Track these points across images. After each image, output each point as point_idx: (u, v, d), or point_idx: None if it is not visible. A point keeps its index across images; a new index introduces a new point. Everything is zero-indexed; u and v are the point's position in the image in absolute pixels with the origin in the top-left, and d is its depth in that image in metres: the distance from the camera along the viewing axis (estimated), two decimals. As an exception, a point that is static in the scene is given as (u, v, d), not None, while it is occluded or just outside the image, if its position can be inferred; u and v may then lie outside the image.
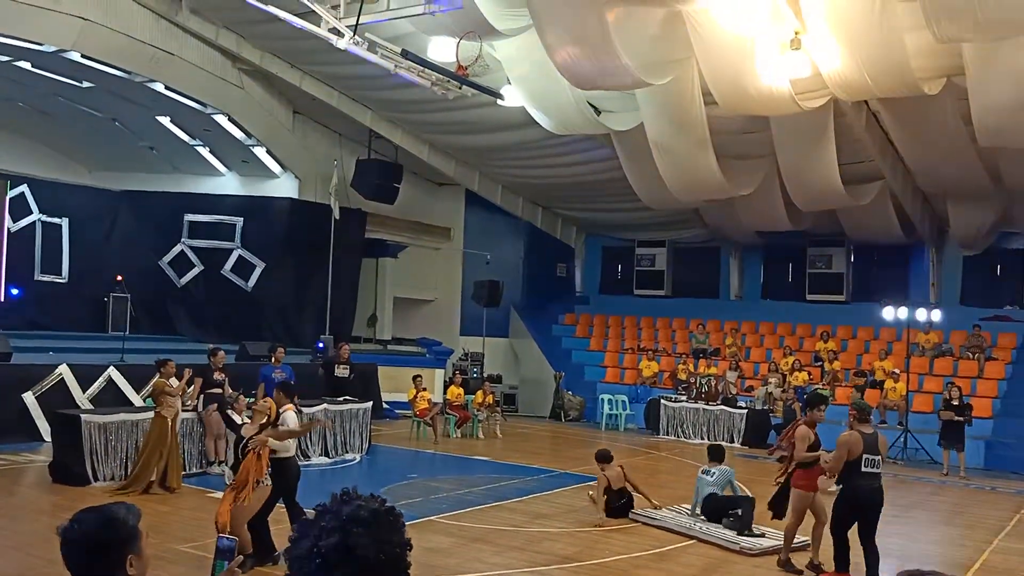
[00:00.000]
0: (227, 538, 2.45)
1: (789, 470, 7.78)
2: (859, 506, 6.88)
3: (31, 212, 17.39)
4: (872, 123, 14.50)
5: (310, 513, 1.88)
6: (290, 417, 7.34)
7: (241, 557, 2.47)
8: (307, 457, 11.89)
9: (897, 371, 16.50)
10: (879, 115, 14.18)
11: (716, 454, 9.67)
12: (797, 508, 7.49)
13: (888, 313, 16.85)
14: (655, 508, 9.40)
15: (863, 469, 6.79)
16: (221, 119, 16.73)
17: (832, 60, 11.10)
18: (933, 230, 18.79)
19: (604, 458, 9.59)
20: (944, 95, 12.26)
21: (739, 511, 8.69)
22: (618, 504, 9.40)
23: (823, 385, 17.57)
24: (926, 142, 14.43)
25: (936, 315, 17.53)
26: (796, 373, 17.55)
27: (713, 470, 9.39)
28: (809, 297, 20.17)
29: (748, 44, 11.20)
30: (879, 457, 6.90)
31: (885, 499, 7.01)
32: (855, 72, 11.10)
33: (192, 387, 10.90)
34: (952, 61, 11.34)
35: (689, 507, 9.41)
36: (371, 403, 13.65)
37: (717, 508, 8.99)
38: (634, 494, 9.56)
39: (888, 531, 8.89)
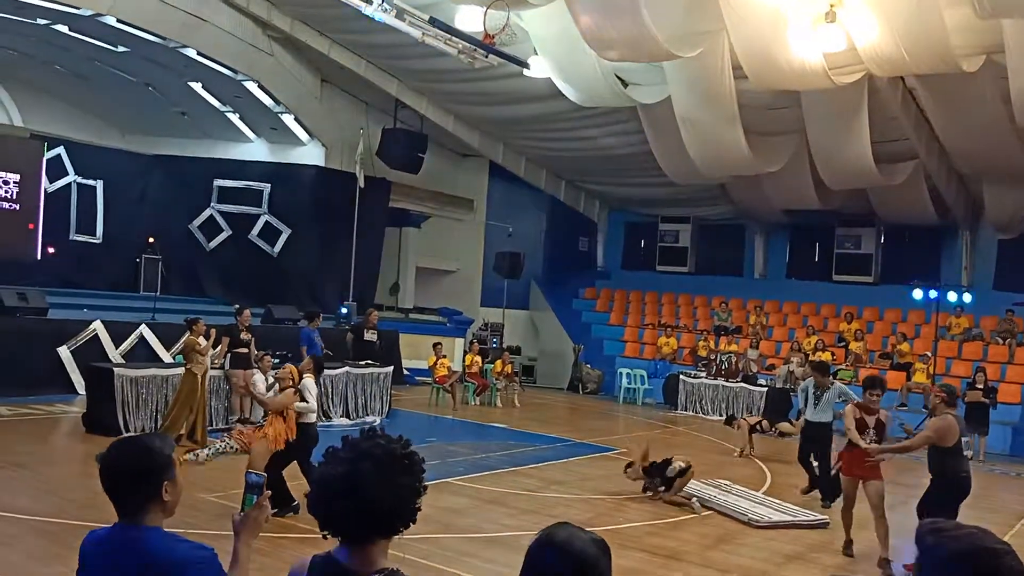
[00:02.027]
0: (255, 473, 2.54)
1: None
2: (963, 491, 6.57)
3: (67, 173, 17.70)
4: (907, 100, 14.24)
5: None
6: (309, 383, 7.46)
7: (269, 492, 2.57)
8: (329, 418, 12.20)
9: (928, 354, 16.36)
10: (915, 92, 13.92)
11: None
12: (844, 492, 7.35)
13: (917, 295, 16.67)
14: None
15: (964, 453, 6.57)
16: (251, 86, 16.89)
17: (868, 34, 10.92)
18: (968, 212, 18.44)
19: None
20: (983, 73, 12.01)
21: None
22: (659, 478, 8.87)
23: (846, 366, 17.52)
24: (963, 121, 14.14)
25: (967, 298, 17.31)
26: (819, 353, 17.46)
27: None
28: (836, 278, 19.96)
29: (781, 16, 11.05)
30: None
31: (910, 482, 6.95)
32: (891, 47, 10.91)
33: (219, 347, 11.17)
34: (992, 38, 11.09)
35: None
36: (392, 368, 13.88)
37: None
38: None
39: (902, 510, 8.97)
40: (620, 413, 17.12)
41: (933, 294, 16.33)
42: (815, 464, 9.52)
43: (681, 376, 17.49)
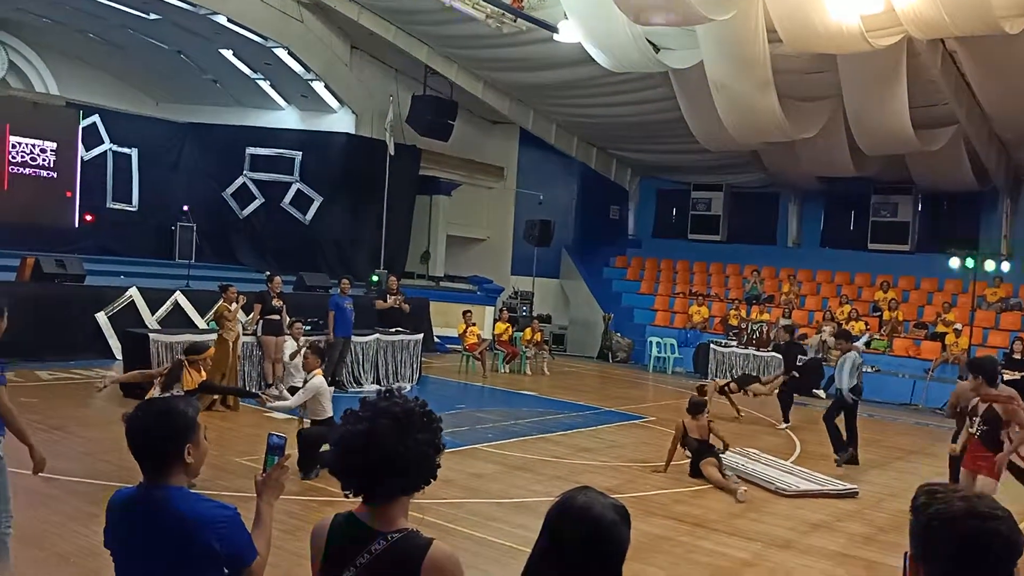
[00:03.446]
0: (278, 435, 2.59)
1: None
2: None
3: (103, 142, 17.96)
4: (948, 64, 13.82)
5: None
6: (317, 382, 7.50)
7: (288, 454, 2.62)
8: (360, 384, 12.39)
9: (960, 325, 16.09)
10: (955, 55, 13.50)
11: None
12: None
13: (954, 264, 16.34)
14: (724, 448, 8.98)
15: None
16: (281, 53, 16.92)
17: (907, -5, 10.61)
18: (1009, 178, 17.94)
19: (696, 409, 8.67)
20: (1027, 35, 11.62)
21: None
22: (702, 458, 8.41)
23: (880, 335, 17.30)
24: (1006, 85, 13.74)
25: (1006, 267, 16.93)
26: (852, 322, 17.26)
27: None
28: (871, 246, 19.59)
29: (817, -23, 10.77)
30: None
31: (942, 453, 6.85)
32: (931, 8, 10.59)
33: (252, 314, 11.33)
34: (1037, -1, 10.73)
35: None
36: (422, 335, 13.98)
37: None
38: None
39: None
40: (650, 382, 17.11)
41: (971, 263, 15.98)
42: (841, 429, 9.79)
43: (712, 345, 17.39)
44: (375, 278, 16.75)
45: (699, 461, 8.40)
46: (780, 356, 15.47)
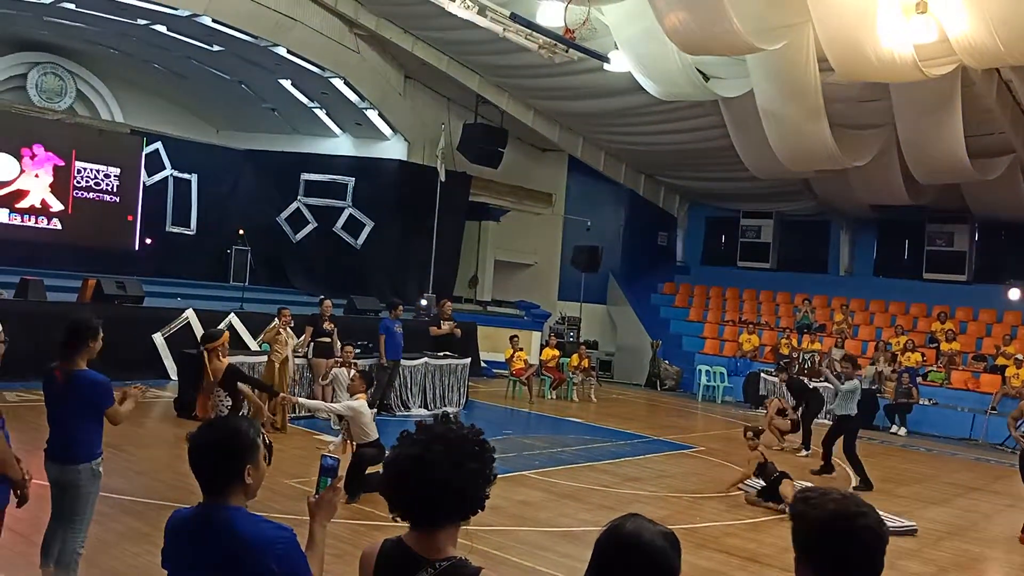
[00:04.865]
0: (331, 457, 2.62)
1: None
2: None
3: (164, 167, 18.59)
4: (1003, 93, 13.56)
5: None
6: (357, 404, 7.59)
7: (341, 476, 2.66)
8: (407, 408, 12.50)
9: (1021, 355, 15.61)
10: (1011, 84, 13.25)
11: None
12: None
13: (1013, 295, 15.90)
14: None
15: None
16: (338, 83, 17.35)
17: (961, 24, 10.43)
18: (1068, 208, 17.47)
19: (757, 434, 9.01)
20: (1086, 64, 11.35)
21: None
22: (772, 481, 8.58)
23: (937, 367, 16.84)
24: (1064, 114, 13.45)
25: (1067, 299, 16.44)
26: (908, 353, 16.85)
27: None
28: (926, 276, 19.18)
29: (869, 7, 10.67)
30: None
31: (1004, 490, 6.71)
32: (986, 37, 10.40)
33: (303, 336, 11.55)
34: (1096, 27, 10.45)
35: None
36: (470, 360, 14.05)
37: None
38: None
39: (998, 520, 8.60)
40: (699, 411, 16.90)
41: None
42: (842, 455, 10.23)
43: (762, 374, 17.12)
44: (424, 302, 16.94)
45: (779, 483, 8.50)
46: (830, 387, 15.23)
